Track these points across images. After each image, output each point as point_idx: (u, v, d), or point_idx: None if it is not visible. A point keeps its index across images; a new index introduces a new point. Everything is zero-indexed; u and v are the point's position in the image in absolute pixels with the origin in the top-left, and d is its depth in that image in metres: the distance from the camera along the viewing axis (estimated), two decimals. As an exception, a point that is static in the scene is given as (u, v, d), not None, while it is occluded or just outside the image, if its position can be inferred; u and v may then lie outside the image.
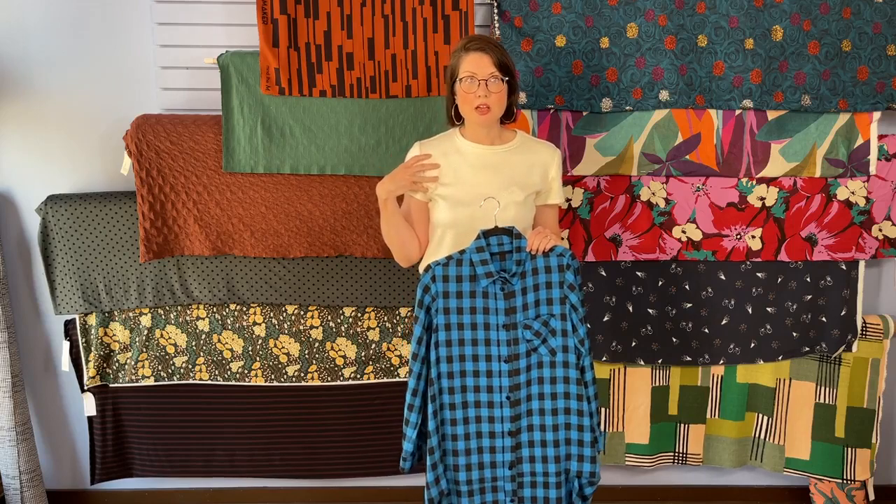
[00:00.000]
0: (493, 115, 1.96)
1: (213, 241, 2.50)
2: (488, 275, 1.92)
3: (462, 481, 2.00)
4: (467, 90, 1.93)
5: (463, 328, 1.95)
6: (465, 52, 1.95)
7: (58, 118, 2.53)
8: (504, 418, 1.97)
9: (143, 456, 2.69)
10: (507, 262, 1.94)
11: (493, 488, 2.01)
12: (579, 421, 1.96)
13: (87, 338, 2.59)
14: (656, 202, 2.52)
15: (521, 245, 1.93)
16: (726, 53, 2.40)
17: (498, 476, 2.00)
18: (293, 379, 2.63)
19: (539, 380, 1.97)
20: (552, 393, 1.97)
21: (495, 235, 1.94)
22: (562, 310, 1.94)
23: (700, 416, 2.70)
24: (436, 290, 1.94)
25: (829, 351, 2.60)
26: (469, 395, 1.97)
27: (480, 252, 1.92)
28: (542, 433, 1.97)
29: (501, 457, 1.99)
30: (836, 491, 2.70)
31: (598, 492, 2.78)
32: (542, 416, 1.97)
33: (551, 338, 1.95)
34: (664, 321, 2.61)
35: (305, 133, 2.44)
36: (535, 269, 1.94)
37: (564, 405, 1.96)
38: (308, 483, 2.78)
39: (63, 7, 2.45)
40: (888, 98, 2.44)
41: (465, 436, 1.99)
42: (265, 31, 2.35)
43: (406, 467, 2.02)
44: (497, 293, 1.94)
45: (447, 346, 1.95)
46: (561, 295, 1.94)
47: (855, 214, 2.53)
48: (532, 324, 1.94)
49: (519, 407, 1.97)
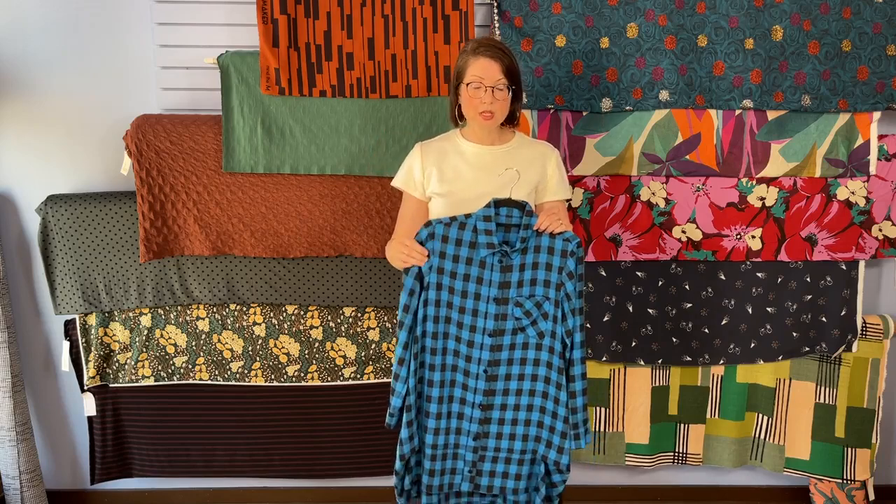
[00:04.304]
0: (496, 121, 1.98)
1: (213, 241, 2.50)
2: (489, 246, 1.90)
3: (428, 444, 2.00)
4: (473, 95, 1.94)
5: (453, 292, 1.93)
6: (474, 55, 1.94)
7: (58, 118, 2.53)
8: (478, 390, 1.97)
9: (143, 456, 2.69)
10: (511, 235, 1.92)
11: (454, 455, 2.02)
12: (555, 408, 1.95)
13: (87, 338, 2.59)
14: (656, 202, 2.52)
15: (531, 223, 1.90)
16: (726, 53, 2.40)
17: (461, 444, 2.01)
18: (293, 379, 2.63)
19: (522, 360, 1.96)
20: (532, 375, 1.96)
21: (506, 207, 1.91)
22: (556, 296, 1.92)
23: (700, 416, 2.70)
24: (432, 247, 1.92)
25: (829, 351, 2.60)
26: (448, 357, 1.97)
27: (487, 221, 1.89)
28: (515, 412, 1.97)
29: (468, 426, 1.99)
30: (836, 491, 2.70)
31: (599, 492, 2.83)
32: (518, 396, 1.97)
33: (542, 321, 1.93)
34: (664, 321, 2.61)
35: (305, 133, 2.43)
36: (537, 248, 1.91)
37: (543, 389, 1.96)
38: (308, 483, 2.79)
39: (63, 7, 2.45)
40: (888, 98, 2.44)
41: (439, 399, 1.99)
42: (265, 31, 2.35)
43: (392, 423, 2.02)
44: (494, 265, 1.91)
45: (435, 306, 1.94)
46: (558, 280, 1.91)
47: (855, 214, 2.53)
48: (524, 302, 1.92)
49: (495, 383, 1.96)
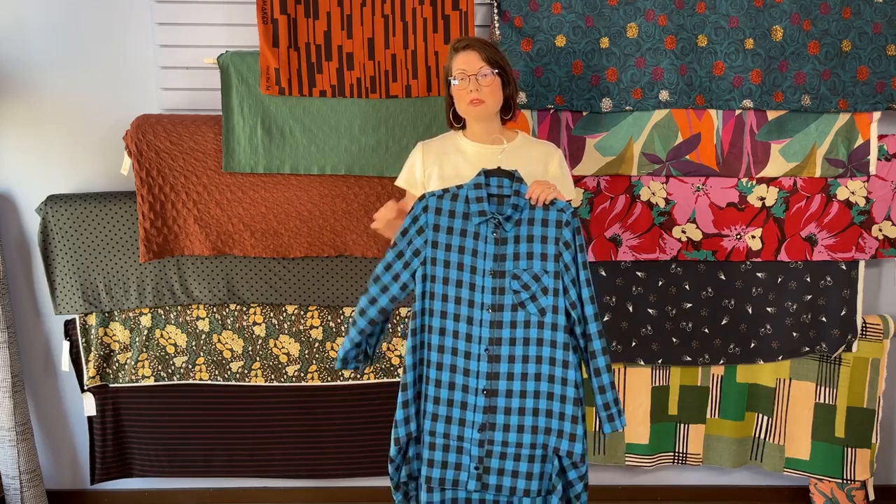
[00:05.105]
0: (487, 108, 1.96)
1: (213, 241, 2.50)
2: (481, 213, 1.85)
3: (426, 430, 1.90)
4: (460, 87, 1.95)
5: (449, 266, 1.87)
6: (454, 52, 1.98)
7: (58, 118, 2.53)
8: (480, 374, 1.85)
9: (143, 456, 2.69)
10: (504, 207, 1.87)
11: (458, 448, 1.89)
12: (562, 391, 1.83)
13: (87, 338, 2.59)
14: (656, 202, 2.52)
15: (521, 190, 1.86)
16: (726, 53, 2.40)
17: (465, 436, 1.88)
18: (293, 379, 2.63)
19: (525, 340, 1.84)
20: (537, 356, 1.84)
21: (496, 176, 1.88)
22: (555, 267, 1.84)
23: (700, 416, 2.70)
24: (425, 220, 1.88)
25: (829, 351, 2.60)
26: (447, 339, 1.87)
27: (478, 189, 1.86)
28: (522, 400, 1.84)
29: (472, 416, 1.87)
30: (836, 491, 2.70)
31: (598, 492, 2.82)
32: (523, 380, 1.85)
33: (542, 296, 1.84)
34: (664, 321, 2.61)
35: (305, 133, 2.44)
36: (531, 220, 1.86)
37: (549, 371, 1.84)
38: (308, 483, 2.78)
39: (63, 7, 2.46)
40: (888, 98, 2.44)
41: (437, 382, 1.88)
42: (265, 31, 2.35)
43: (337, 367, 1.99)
44: (488, 236, 1.86)
45: (431, 282, 1.88)
46: (556, 252, 1.84)
47: (855, 214, 2.53)
48: (521, 274, 1.84)
49: (497, 365, 1.85)
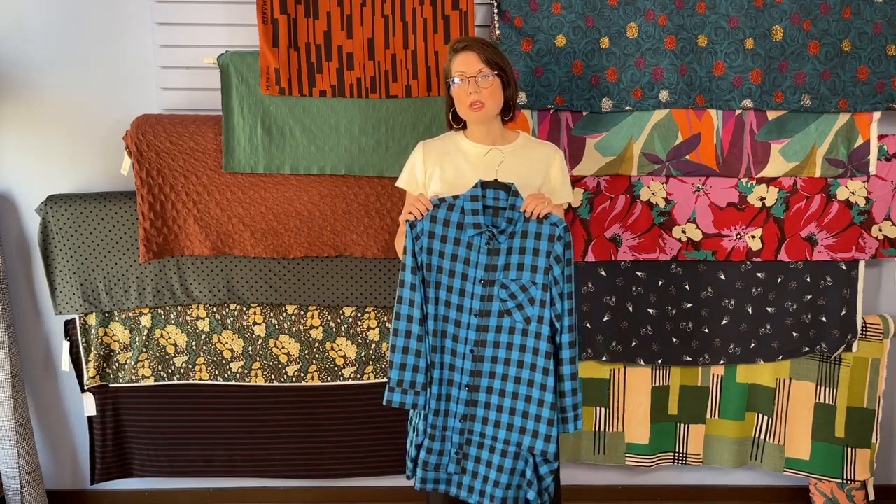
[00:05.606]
0: (487, 111, 1.96)
1: (213, 241, 2.49)
2: (476, 226, 1.92)
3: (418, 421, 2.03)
4: (460, 90, 1.95)
5: (441, 271, 1.96)
6: (453, 53, 1.98)
7: (58, 118, 2.53)
8: (465, 370, 1.98)
9: (143, 456, 2.69)
10: (499, 219, 1.94)
11: (442, 437, 2.02)
12: (540, 395, 1.94)
13: (87, 338, 2.59)
14: (656, 202, 2.52)
15: (516, 204, 1.92)
16: (726, 53, 2.40)
17: (448, 425, 2.02)
18: (293, 379, 2.63)
19: (508, 345, 1.96)
20: (518, 360, 1.95)
21: (493, 189, 1.93)
22: (544, 280, 1.92)
23: (700, 416, 2.70)
24: (421, 227, 1.95)
25: (829, 351, 2.60)
26: (437, 339, 1.99)
27: (474, 201, 1.92)
28: (501, 398, 1.97)
29: (455, 407, 2.00)
30: (836, 491, 2.70)
31: (599, 492, 2.83)
32: (503, 381, 1.97)
33: (528, 306, 1.94)
34: (664, 321, 2.61)
35: (305, 133, 2.43)
36: (524, 233, 1.93)
37: (529, 376, 1.95)
38: (308, 483, 2.78)
39: (63, 7, 2.46)
40: (888, 98, 2.44)
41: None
42: (265, 31, 2.35)
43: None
44: (481, 247, 1.94)
45: (424, 287, 1.97)
46: (546, 265, 1.92)
47: (855, 214, 2.53)
48: (509, 284, 1.93)
49: (481, 364, 1.97)
